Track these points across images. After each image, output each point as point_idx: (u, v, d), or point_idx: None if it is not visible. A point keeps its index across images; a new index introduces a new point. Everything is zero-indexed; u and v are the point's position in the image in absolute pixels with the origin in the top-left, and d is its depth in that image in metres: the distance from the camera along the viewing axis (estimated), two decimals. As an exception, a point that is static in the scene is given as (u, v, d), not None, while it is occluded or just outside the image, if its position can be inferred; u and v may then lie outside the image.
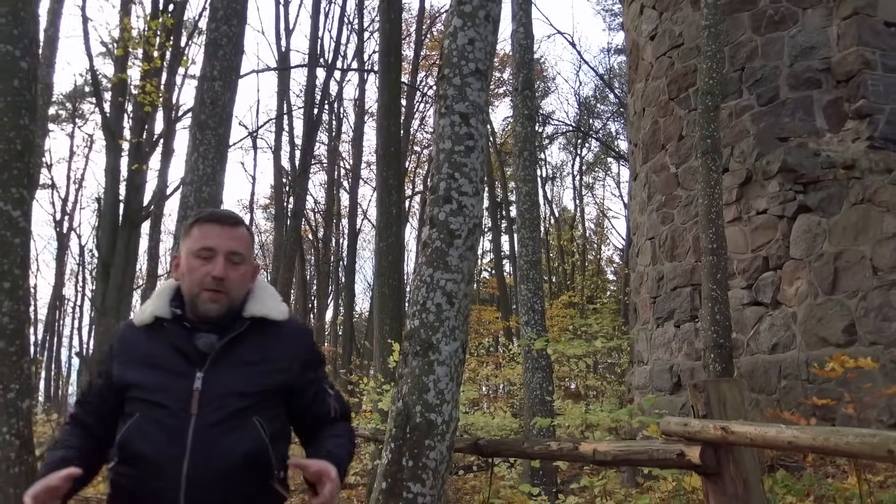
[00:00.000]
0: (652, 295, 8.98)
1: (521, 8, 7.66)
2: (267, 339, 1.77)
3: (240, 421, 1.67)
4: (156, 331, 1.74)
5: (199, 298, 1.73)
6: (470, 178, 3.18)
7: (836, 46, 7.75)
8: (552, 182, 35.04)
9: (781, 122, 7.84)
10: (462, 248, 3.13)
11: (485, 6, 3.31)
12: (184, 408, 1.64)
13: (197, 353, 1.70)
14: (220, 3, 5.53)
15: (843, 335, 6.45)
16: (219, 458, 1.62)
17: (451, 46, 3.32)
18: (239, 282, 1.76)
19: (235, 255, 1.75)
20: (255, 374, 1.72)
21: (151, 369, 1.69)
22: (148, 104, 14.08)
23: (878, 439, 1.39)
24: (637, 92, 9.86)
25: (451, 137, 3.20)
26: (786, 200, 7.24)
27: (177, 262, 1.81)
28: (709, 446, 1.93)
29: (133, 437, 1.64)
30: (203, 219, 1.81)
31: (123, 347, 1.76)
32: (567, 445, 2.46)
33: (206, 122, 5.40)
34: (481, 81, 3.28)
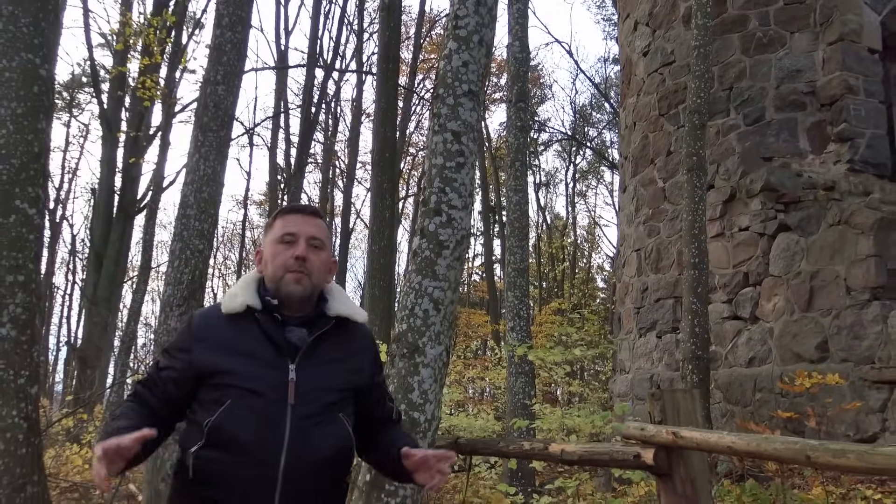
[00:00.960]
0: (636, 305, 9.21)
1: (517, 22, 7.87)
2: (348, 339, 1.84)
3: (330, 415, 1.72)
4: (245, 320, 1.76)
5: (283, 281, 1.77)
6: (459, 192, 3.38)
7: (821, 70, 8.00)
8: (545, 188, 35.33)
9: (766, 141, 8.08)
10: (450, 258, 3.33)
11: (479, 31, 3.51)
12: (281, 398, 1.67)
13: (289, 345, 1.73)
14: (225, 10, 5.71)
15: (816, 351, 6.69)
16: (313, 450, 1.66)
17: (446, 68, 3.52)
18: (320, 266, 1.82)
19: (315, 239, 1.82)
20: (340, 372, 1.78)
21: (243, 357, 1.71)
22: (147, 99, 14.21)
23: (798, 446, 1.59)
24: (629, 106, 10.09)
25: (443, 154, 3.40)
26: (767, 219, 7.47)
27: (259, 255, 1.87)
28: (661, 449, 2.13)
29: (227, 422, 1.64)
30: (285, 211, 1.90)
31: (208, 333, 1.76)
32: (538, 445, 2.67)
33: (208, 125, 5.58)
34: (473, 101, 3.48)
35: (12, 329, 3.16)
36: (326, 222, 1.96)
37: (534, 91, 34.33)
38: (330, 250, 1.90)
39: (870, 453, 1.51)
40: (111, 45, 18.98)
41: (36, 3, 3.30)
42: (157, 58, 14.79)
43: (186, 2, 16.52)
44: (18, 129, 3.18)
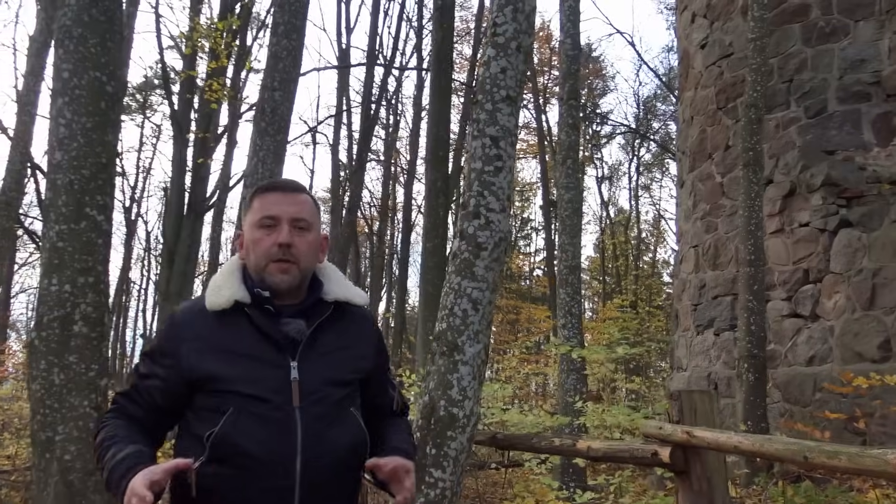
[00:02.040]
0: (693, 302, 9.10)
1: (568, 19, 7.88)
2: (349, 324, 1.68)
3: (340, 412, 1.59)
4: (233, 316, 1.58)
5: (267, 271, 1.60)
6: (497, 195, 3.48)
7: (886, 60, 7.73)
8: (609, 182, 34.90)
9: (828, 134, 7.87)
10: (488, 259, 3.43)
11: (517, 38, 3.60)
12: (287, 400, 1.52)
13: (287, 340, 1.57)
14: (280, 18, 5.94)
15: (878, 351, 6.51)
16: (328, 452, 1.54)
17: (484, 74, 3.62)
18: (307, 250, 1.63)
19: (300, 220, 1.63)
20: (345, 362, 1.64)
21: (237, 358, 1.55)
22: (214, 101, 14.75)
23: (796, 447, 1.64)
24: (686, 100, 9.95)
25: (482, 158, 3.51)
26: (828, 214, 7.29)
27: (240, 239, 1.69)
28: (678, 448, 2.20)
29: (233, 433, 1.48)
30: (263, 188, 1.70)
31: (195, 334, 1.58)
32: (567, 442, 2.76)
33: (265, 129, 5.83)
34: (511, 107, 3.58)
35: (84, 326, 3.45)
36: (311, 195, 1.73)
37: (596, 83, 33.97)
38: (318, 228, 1.70)
39: (860, 455, 1.55)
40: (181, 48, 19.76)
41: (103, 25, 3.57)
42: (224, 60, 15.32)
43: (251, 4, 17.03)
44: (88, 142, 3.46)
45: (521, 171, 36.24)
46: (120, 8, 3.73)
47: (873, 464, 1.47)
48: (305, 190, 1.73)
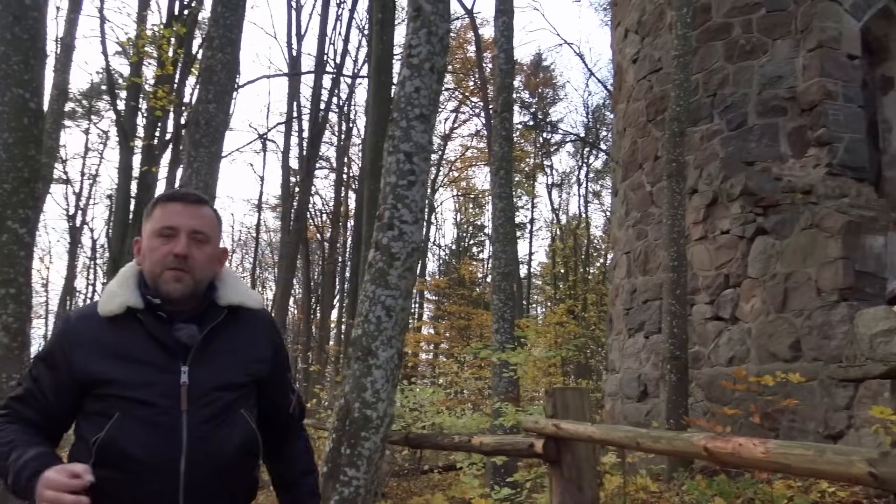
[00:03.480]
0: (626, 306, 9.44)
1: (502, 34, 8.16)
2: (243, 327, 1.72)
3: (229, 414, 1.63)
4: (126, 322, 1.62)
5: (162, 278, 1.63)
6: (410, 208, 3.69)
7: (801, 77, 8.19)
8: (560, 189, 35.48)
9: (748, 146, 8.29)
10: (401, 268, 3.63)
11: (430, 59, 3.81)
12: (174, 405, 1.56)
13: (179, 345, 1.60)
14: (215, 32, 6.06)
15: (789, 351, 6.90)
16: (215, 454, 1.58)
17: (399, 93, 3.82)
18: (204, 261, 1.67)
19: (199, 233, 1.66)
20: (239, 366, 1.67)
21: (128, 363, 1.57)
22: (159, 109, 14.67)
23: (633, 434, 1.88)
24: (620, 112, 10.33)
25: (396, 172, 3.71)
26: (746, 222, 7.69)
27: (138, 245, 1.72)
28: (550, 440, 2.43)
29: (118, 437, 1.53)
30: (165, 198, 1.73)
31: (85, 339, 1.61)
32: (464, 439, 2.98)
33: (200, 141, 5.93)
34: (425, 125, 3.79)
35: (5, 336, 3.54)
36: (213, 208, 1.79)
37: (547, 92, 34.59)
38: (217, 240, 1.75)
39: (675, 439, 1.79)
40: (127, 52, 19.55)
41: (26, 43, 3.66)
42: (169, 68, 15.26)
43: (197, 12, 16.97)
44: (10, 157, 3.55)
45: (473, 179, 36.67)
46: (43, 26, 3.82)
47: (683, 446, 1.71)
48: (207, 202, 1.77)
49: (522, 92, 34.15)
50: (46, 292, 30.61)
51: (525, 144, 34.36)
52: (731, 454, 1.49)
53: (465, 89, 30.30)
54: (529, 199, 35.58)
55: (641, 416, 8.66)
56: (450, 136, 31.81)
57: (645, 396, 8.75)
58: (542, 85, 34.66)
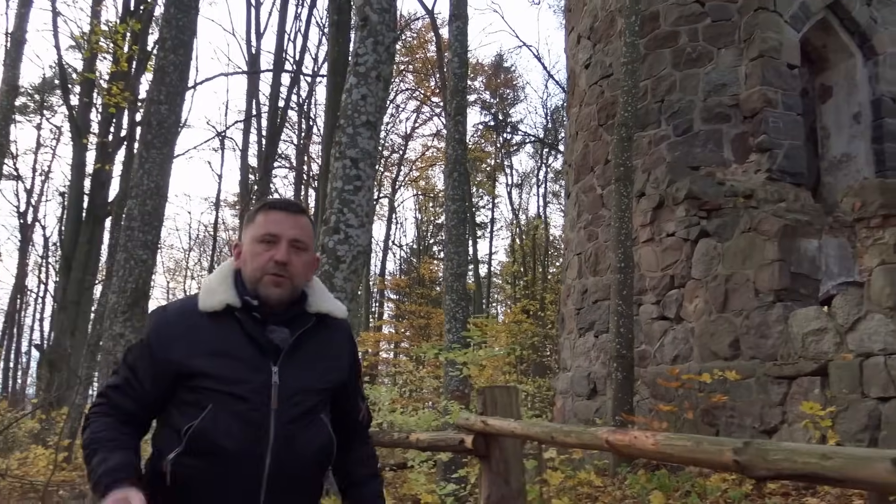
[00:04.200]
0: (577, 307, 9.67)
1: (456, 39, 8.30)
2: (328, 336, 1.79)
3: (312, 417, 1.70)
4: (224, 318, 1.69)
5: (262, 283, 1.70)
6: (356, 212, 3.80)
7: (744, 85, 8.50)
8: (520, 189, 35.83)
9: (694, 151, 8.57)
10: (346, 271, 3.74)
11: (377, 67, 3.93)
12: (265, 402, 1.63)
13: (271, 346, 1.68)
14: (168, 34, 6.07)
15: (729, 349, 7.18)
16: (297, 454, 1.65)
17: (346, 100, 3.93)
18: (301, 269, 1.75)
19: (298, 242, 1.75)
20: (322, 372, 1.75)
21: (223, 359, 1.65)
22: (113, 106, 14.48)
23: (549, 429, 2.02)
24: (573, 116, 10.55)
25: (343, 178, 3.82)
26: (690, 225, 7.95)
27: (238, 249, 1.80)
28: (480, 436, 2.56)
29: (211, 428, 1.60)
30: (268, 206, 1.80)
31: (185, 332, 1.69)
32: (402, 435, 3.11)
33: (151, 142, 5.95)
34: (371, 131, 3.90)
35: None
36: (310, 217, 1.88)
37: (507, 93, 34.90)
38: (312, 249, 1.83)
39: (583, 433, 1.94)
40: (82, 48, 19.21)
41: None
42: (123, 65, 15.07)
43: (153, 7, 16.76)
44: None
45: (433, 178, 36.80)
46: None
47: (589, 439, 1.86)
48: (306, 212, 1.86)
49: (483, 93, 34.45)
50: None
51: (486, 145, 34.65)
52: (627, 445, 1.64)
53: (426, 89, 30.39)
54: (490, 199, 35.91)
55: (591, 413, 8.89)
56: (411, 135, 31.88)
57: (594, 394, 8.98)
58: (502, 86, 34.93)
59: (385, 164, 31.97)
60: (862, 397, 5.65)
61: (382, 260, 33.96)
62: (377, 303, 34.61)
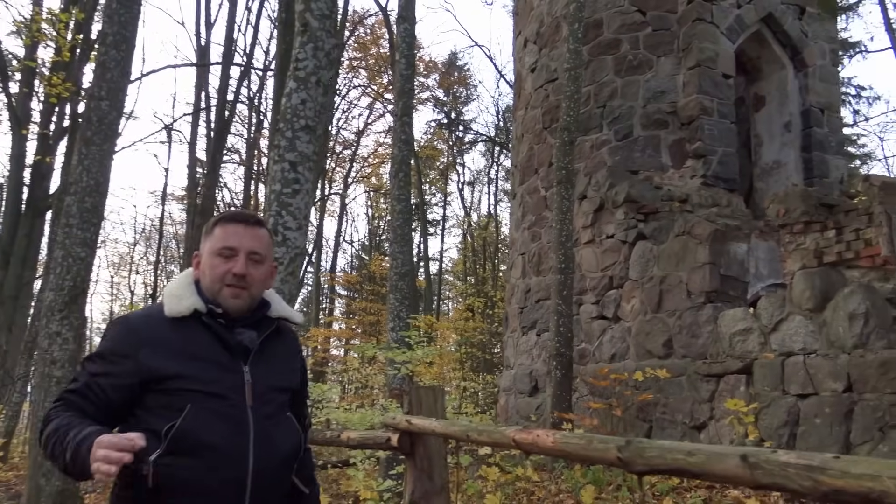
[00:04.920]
0: (520, 305, 9.87)
1: (403, 40, 8.39)
2: (286, 340, 1.88)
3: (283, 415, 1.78)
4: (191, 324, 1.74)
5: (221, 294, 1.75)
6: (294, 215, 3.87)
7: (681, 92, 8.80)
8: (472, 187, 36.08)
9: (633, 156, 8.84)
10: (284, 273, 3.81)
11: (316, 73, 4.00)
12: (241, 400, 1.69)
13: (240, 347, 1.74)
14: (109, 29, 6.01)
15: (662, 348, 7.45)
16: (275, 450, 1.71)
17: (286, 105, 3.99)
18: (259, 280, 1.81)
19: (256, 254, 1.80)
20: (286, 372, 1.84)
21: (195, 361, 1.69)
22: (54, 96, 14.13)
23: (465, 428, 2.15)
24: (519, 118, 10.75)
25: (281, 181, 3.88)
26: (628, 227, 8.21)
27: (197, 260, 1.85)
28: (405, 434, 2.68)
29: (194, 426, 1.62)
30: (226, 219, 1.85)
31: (153, 337, 1.71)
32: (335, 434, 3.21)
33: (91, 139, 5.89)
34: (310, 135, 3.97)
35: None
36: (268, 228, 1.93)
37: (460, 91, 35.09)
38: (270, 259, 1.88)
39: (494, 432, 2.07)
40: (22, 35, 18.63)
41: None
42: (66, 55, 14.70)
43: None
44: None
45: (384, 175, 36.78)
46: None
47: (499, 437, 1.99)
48: (264, 224, 1.91)
49: (437, 90, 34.59)
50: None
51: (439, 143, 34.81)
52: (530, 443, 1.77)
53: (379, 86, 30.35)
54: (443, 197, 36.10)
55: (532, 410, 9.09)
56: (363, 131, 31.80)
57: (536, 391, 9.19)
58: (456, 84, 35.10)
59: (337, 160, 31.87)
60: (783, 394, 5.95)
61: (333, 256, 33.86)
62: (328, 299, 34.48)
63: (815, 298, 5.83)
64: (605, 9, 9.37)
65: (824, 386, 5.57)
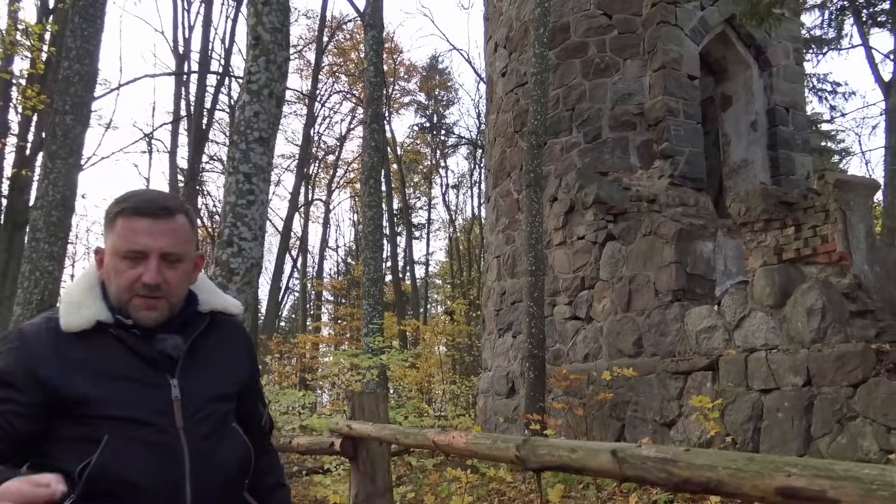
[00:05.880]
0: (496, 308, 9.96)
1: (372, 48, 8.47)
2: (224, 335, 1.59)
3: (225, 428, 1.51)
4: (96, 335, 1.43)
5: (131, 305, 1.44)
6: (250, 226, 3.93)
7: (648, 94, 8.92)
8: (457, 190, 36.21)
9: (603, 158, 8.95)
10: (240, 283, 3.87)
11: (269, 86, 4.06)
12: (169, 422, 1.41)
13: (164, 357, 1.45)
14: (73, 44, 6.05)
15: (633, 347, 7.55)
16: (217, 472, 1.45)
17: (239, 117, 4.06)
18: (178, 282, 1.48)
19: (171, 254, 1.45)
20: (226, 375, 1.55)
21: (108, 381, 1.39)
22: (29, 109, 14.10)
23: (392, 431, 2.22)
24: (491, 122, 10.84)
25: (236, 192, 3.94)
26: (598, 228, 8.31)
27: (100, 257, 1.50)
28: (348, 439, 2.76)
29: (112, 463, 1.33)
30: (129, 211, 1.46)
31: (54, 354, 1.39)
32: (286, 440, 3.28)
33: (56, 153, 5.92)
34: (264, 147, 4.04)
35: None
36: (185, 211, 1.53)
37: (441, 94, 35.23)
38: (191, 251, 1.53)
39: (418, 434, 2.15)
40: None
41: None
42: (40, 66, 14.68)
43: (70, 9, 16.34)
44: None
45: (370, 179, 36.82)
46: None
47: (421, 439, 2.07)
48: (179, 209, 1.51)
49: (418, 94, 34.71)
50: None
51: (421, 146, 34.92)
52: (447, 445, 1.85)
53: (360, 91, 30.39)
54: (427, 200, 36.20)
55: (510, 411, 9.17)
56: (346, 136, 31.84)
57: (513, 393, 9.27)
58: (437, 87, 35.23)
59: (320, 165, 31.91)
60: (747, 390, 6.05)
61: (319, 262, 33.87)
62: (314, 305, 34.47)
63: (775, 295, 5.94)
64: (572, 13, 9.48)
65: (785, 380, 5.68)
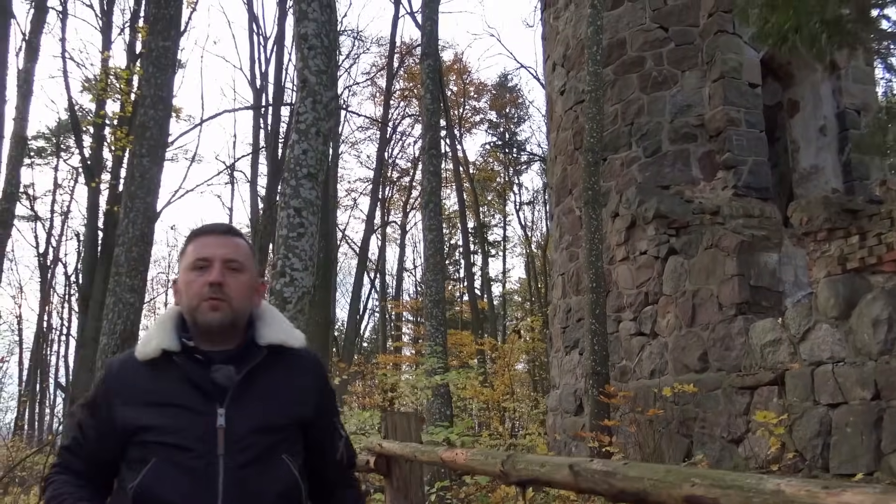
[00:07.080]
0: (562, 325, 9.97)
1: (428, 76, 8.73)
2: (285, 368, 1.66)
3: (270, 459, 1.57)
4: (163, 365, 1.60)
5: (199, 310, 1.60)
6: (300, 257, 4.18)
7: (708, 105, 8.82)
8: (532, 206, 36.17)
9: (663, 171, 8.89)
10: (293, 311, 4.12)
11: (316, 124, 4.33)
12: (210, 449, 1.52)
13: (215, 387, 1.57)
14: (147, 92, 6.55)
15: (698, 362, 7.43)
16: (251, 500, 1.53)
17: (289, 155, 4.34)
18: (240, 290, 1.63)
19: (232, 261, 1.63)
20: (279, 407, 1.62)
21: (163, 408, 1.56)
22: (119, 149, 15.09)
23: (411, 449, 2.36)
24: (552, 140, 10.92)
25: (287, 226, 4.21)
26: (660, 243, 8.25)
27: (175, 286, 1.70)
28: (381, 457, 2.91)
29: (153, 484, 1.50)
30: (196, 233, 1.71)
31: (124, 386, 1.60)
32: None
33: (135, 193, 6.40)
34: (312, 182, 4.29)
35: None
36: (245, 239, 1.76)
37: (512, 112, 35.40)
38: (253, 271, 1.70)
39: (431, 452, 2.28)
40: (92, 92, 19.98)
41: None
42: (128, 109, 15.71)
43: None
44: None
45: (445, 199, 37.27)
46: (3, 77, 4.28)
47: (433, 456, 2.20)
48: (239, 233, 1.75)
49: (489, 112, 35.01)
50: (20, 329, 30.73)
51: (494, 164, 35.12)
52: (451, 461, 1.98)
53: (430, 114, 30.87)
54: (502, 218, 36.32)
55: (578, 428, 9.13)
56: (419, 159, 32.40)
57: (581, 410, 9.24)
58: (508, 105, 35.44)
59: (394, 188, 32.56)
60: (814, 404, 5.88)
61: (398, 283, 34.39)
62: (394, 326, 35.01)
63: (839, 306, 5.77)
64: (628, 28, 9.49)
65: (853, 394, 5.51)
